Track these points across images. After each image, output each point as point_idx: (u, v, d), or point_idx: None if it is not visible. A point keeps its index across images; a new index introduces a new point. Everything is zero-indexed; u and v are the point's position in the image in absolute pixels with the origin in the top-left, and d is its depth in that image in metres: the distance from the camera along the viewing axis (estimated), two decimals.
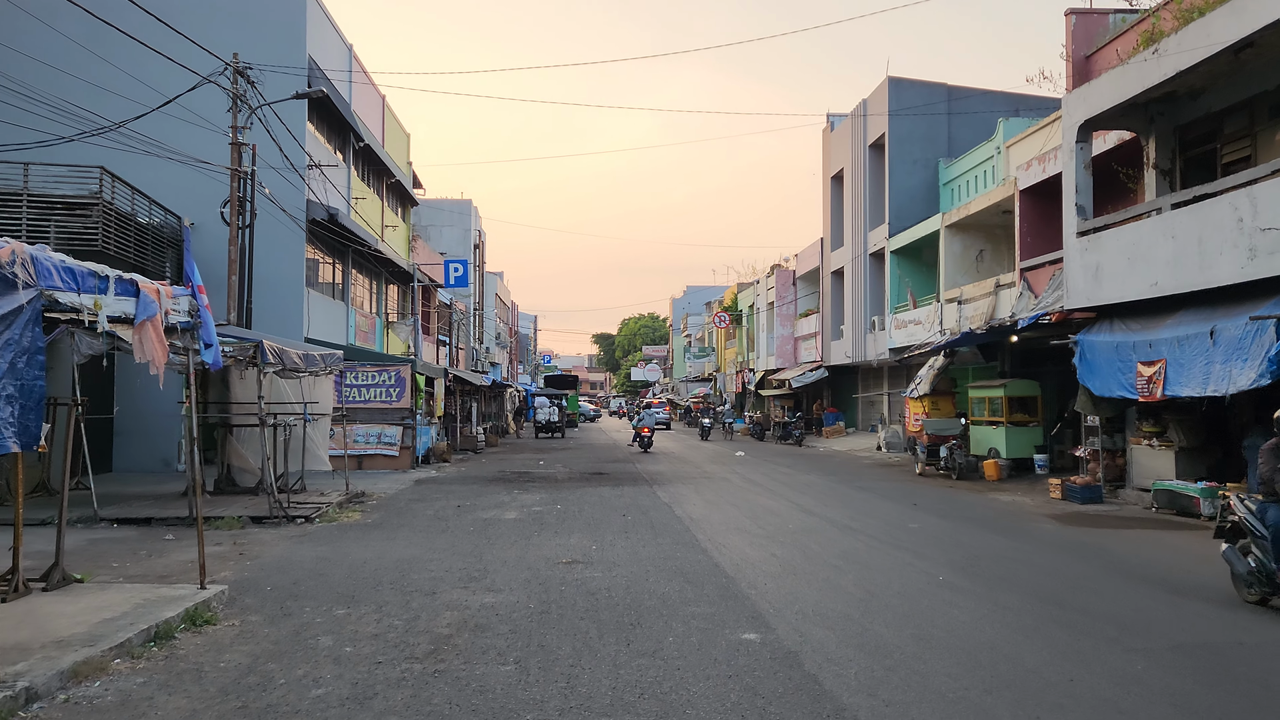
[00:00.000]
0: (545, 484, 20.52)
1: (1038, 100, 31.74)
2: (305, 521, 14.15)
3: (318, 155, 24.49)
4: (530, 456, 30.64)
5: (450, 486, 19.97)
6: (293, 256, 23.93)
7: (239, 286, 18.31)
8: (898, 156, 33.25)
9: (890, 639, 7.19)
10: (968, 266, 28.33)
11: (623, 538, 12.50)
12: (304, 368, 15.62)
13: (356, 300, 30.31)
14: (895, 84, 33.36)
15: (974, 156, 30.38)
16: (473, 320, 52.96)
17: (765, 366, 50.10)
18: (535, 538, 12.53)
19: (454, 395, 34.01)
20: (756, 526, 13.73)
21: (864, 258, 35.82)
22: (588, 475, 22.90)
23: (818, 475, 23.23)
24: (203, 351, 9.03)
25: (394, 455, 23.99)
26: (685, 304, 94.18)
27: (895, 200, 33.26)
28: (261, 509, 14.55)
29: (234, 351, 14.01)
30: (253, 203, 18.58)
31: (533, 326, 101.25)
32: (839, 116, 41.09)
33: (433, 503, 16.81)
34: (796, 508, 16.04)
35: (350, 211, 27.52)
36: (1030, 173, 22.68)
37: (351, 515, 14.94)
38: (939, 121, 33.31)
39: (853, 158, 37.02)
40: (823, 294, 42.06)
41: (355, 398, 23.91)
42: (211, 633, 7.44)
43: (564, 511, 15.41)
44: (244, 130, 17.95)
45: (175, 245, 23.06)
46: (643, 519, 14.49)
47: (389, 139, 34.14)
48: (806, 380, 41.66)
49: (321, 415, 17.68)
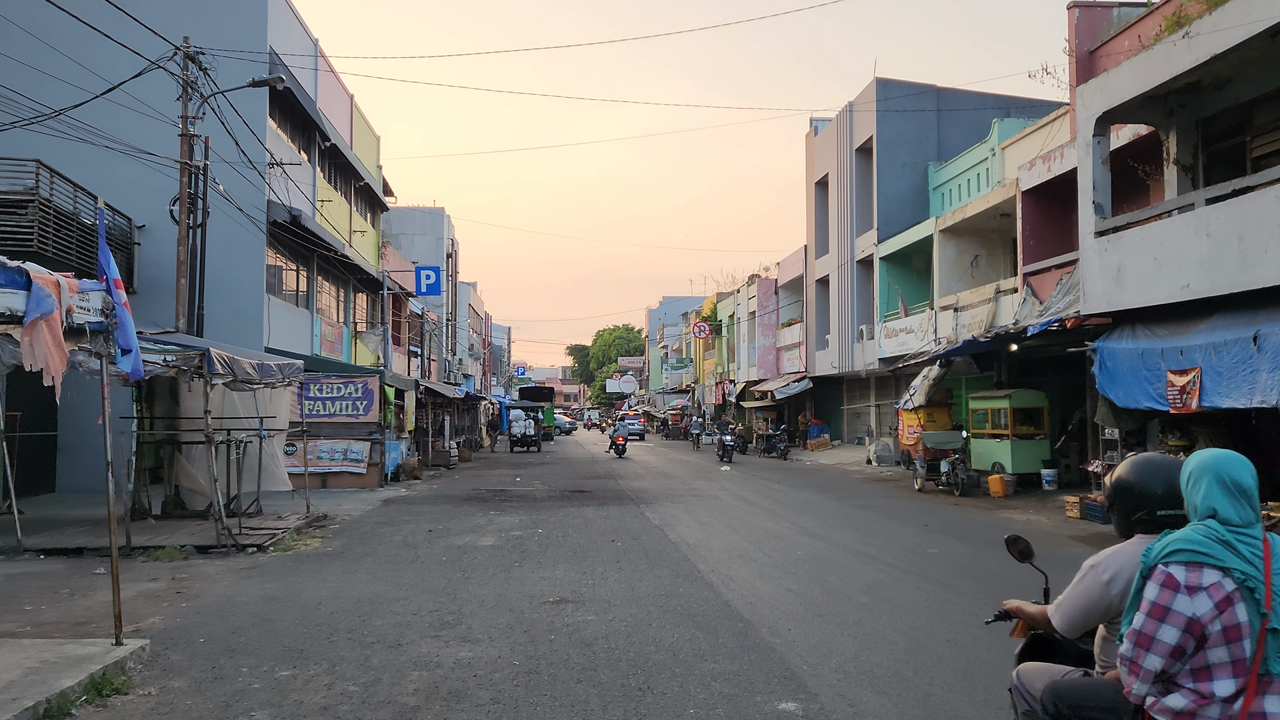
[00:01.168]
0: (524, 504, 19.10)
1: (1029, 102, 30.82)
2: (257, 551, 12.66)
3: (280, 154, 23.01)
4: (506, 472, 29.17)
5: (421, 507, 18.50)
6: (252, 260, 22.40)
7: (189, 291, 16.79)
8: (886, 160, 32.19)
9: (962, 709, 5.86)
10: (962, 273, 27.24)
11: (615, 569, 11.12)
12: (258, 379, 14.14)
13: (322, 309, 28.77)
14: (883, 85, 32.33)
15: (966, 159, 29.36)
16: (445, 331, 51.40)
17: (746, 377, 48.89)
18: (516, 569, 11.12)
19: (426, 408, 32.49)
20: (762, 554, 12.39)
21: (851, 265, 34.71)
22: (569, 493, 21.49)
23: (813, 492, 21.96)
24: (119, 359, 7.56)
25: (361, 473, 22.47)
26: (661, 314, 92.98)
27: (884, 205, 32.18)
28: (209, 536, 13.04)
29: (177, 361, 12.52)
30: (205, 200, 17.08)
31: (506, 338, 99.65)
32: (822, 120, 40.06)
33: (401, 526, 15.34)
34: (800, 530, 14.73)
35: (315, 214, 26.02)
36: (1033, 173, 21.59)
37: (310, 542, 13.45)
38: (928, 124, 32.31)
39: (838, 162, 35.95)
40: (807, 303, 40.92)
41: (320, 411, 22.37)
42: (120, 707, 5.99)
43: (546, 537, 14.01)
44: (195, 120, 16.47)
45: (124, 248, 21.51)
46: (634, 545, 13.11)
47: (358, 141, 32.66)
48: (790, 391, 40.46)
49: (278, 431, 16.18)
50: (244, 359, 13.73)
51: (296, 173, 24.64)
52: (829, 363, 37.26)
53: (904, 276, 31.74)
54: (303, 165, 25.75)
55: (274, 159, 22.13)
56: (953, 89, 32.64)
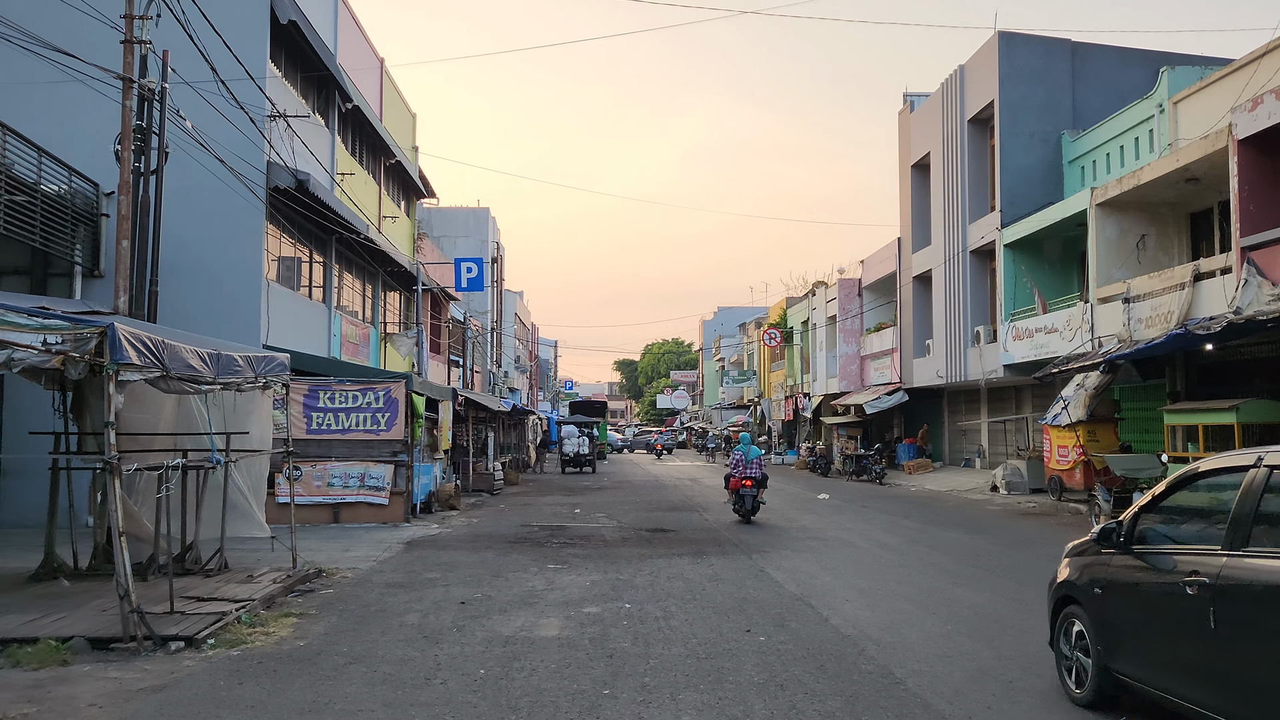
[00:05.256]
0: (591, 550, 14.22)
1: (1190, 58, 25.48)
2: (185, 646, 7.91)
3: (285, 105, 18.49)
4: (561, 500, 24.32)
5: (455, 554, 13.70)
6: (247, 236, 17.88)
7: (133, 258, 12.20)
8: (1010, 130, 27.02)
9: None
10: (1126, 256, 21.98)
11: (779, 702, 6.20)
12: (210, 376, 9.44)
13: (344, 305, 24.25)
14: (1007, 40, 27.20)
15: (1119, 121, 24.13)
16: (490, 339, 46.91)
17: (824, 390, 43.69)
18: (606, 707, 6.25)
19: (466, 423, 27.82)
20: (1018, 664, 7.38)
21: (962, 256, 29.51)
22: (647, 533, 16.57)
23: (960, 532, 16.84)
24: None
25: (382, 504, 17.73)
26: (717, 325, 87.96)
27: (1007, 183, 27.00)
28: (119, 618, 8.30)
29: (64, 343, 7.87)
30: (162, 136, 12.50)
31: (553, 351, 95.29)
32: (919, 96, 34.96)
33: (422, 593, 10.53)
34: (1021, 606, 9.65)
35: (334, 188, 21.51)
36: (1257, 114, 16.38)
37: (277, 628, 8.66)
38: (1061, 86, 27.13)
39: (945, 138, 30.81)
40: (900, 304, 35.72)
41: (330, 426, 17.71)
42: None
43: (640, 618, 9.10)
44: (147, 21, 11.90)
45: (89, 220, 17.09)
46: (786, 640, 8.17)
47: (389, 113, 28.22)
48: (882, 405, 35.25)
49: (248, 454, 11.48)
50: (185, 344, 9.04)
51: (311, 137, 20.14)
52: (932, 371, 32.00)
53: (1036, 267, 26.50)
54: (316, 125, 21.24)
55: (276, 109, 17.60)
56: (1090, 44, 27.43)
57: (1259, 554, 4.91)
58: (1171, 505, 6.06)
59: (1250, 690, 4.80)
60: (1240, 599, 4.90)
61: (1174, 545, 5.74)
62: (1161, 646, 5.57)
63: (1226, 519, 5.24)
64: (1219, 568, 5.09)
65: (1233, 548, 5.09)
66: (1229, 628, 4.94)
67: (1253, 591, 4.84)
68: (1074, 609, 6.53)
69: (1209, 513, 5.76)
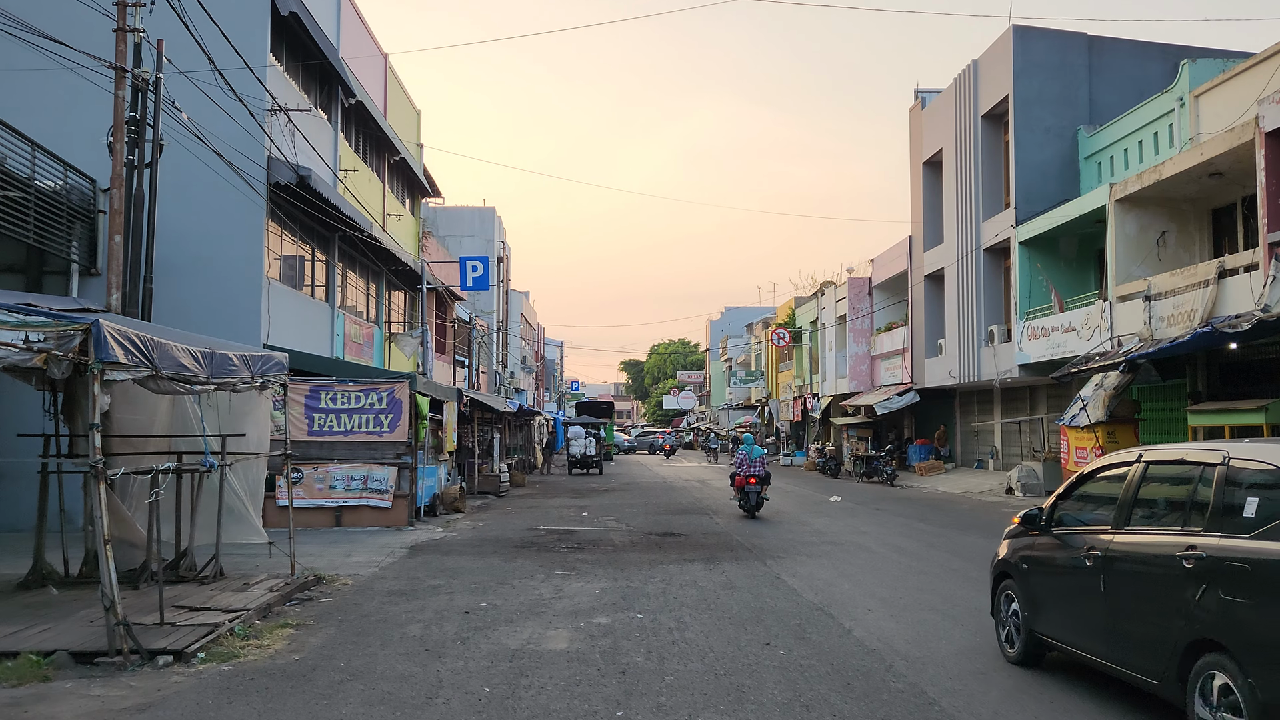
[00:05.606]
0: (600, 555, 13.78)
1: (1209, 52, 24.95)
2: (174, 661, 7.50)
3: (285, 99, 18.09)
4: (568, 502, 23.89)
5: (459, 559, 13.27)
6: (247, 234, 17.49)
7: (126, 253, 11.80)
8: (1025, 125, 26.50)
9: None
10: (1146, 253, 21.46)
11: None
12: (203, 375, 9.03)
13: (348, 305, 23.85)
14: (1021, 34, 26.69)
15: (1138, 116, 23.62)
16: (495, 340, 46.53)
17: (834, 390, 43.20)
18: None
19: (471, 424, 27.41)
20: (1041, 675, 6.93)
21: (975, 254, 29.01)
22: (657, 537, 16.13)
23: (977, 535, 16.37)
24: None
25: (385, 507, 17.32)
26: (724, 326, 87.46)
27: (1022, 180, 26.49)
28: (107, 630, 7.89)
29: (48, 341, 7.47)
30: (156, 127, 12.10)
31: (559, 352, 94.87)
32: (931, 92, 34.47)
33: (425, 601, 10.10)
34: None
35: (337, 184, 21.11)
36: None
37: (272, 640, 8.24)
38: (1077, 80, 26.60)
39: (958, 133, 30.31)
40: (912, 303, 35.22)
41: (332, 427, 17.30)
42: None
43: (652, 630, 8.66)
44: (141, 8, 11.49)
45: (85, 217, 16.71)
46: (807, 652, 7.73)
47: (393, 110, 27.82)
48: (893, 406, 34.73)
49: (245, 457, 11.07)
50: (176, 343, 8.63)
51: (313, 132, 19.76)
52: (945, 372, 31.49)
53: (1051, 264, 25.98)
54: (318, 119, 20.86)
55: (276, 103, 17.20)
56: (1107, 38, 26.93)
57: (1135, 530, 6.23)
58: (1080, 494, 7.26)
59: (1127, 639, 6.06)
60: (1121, 566, 6.17)
61: (1080, 526, 6.89)
62: (1070, 609, 6.78)
63: (1115, 504, 6.52)
64: (1108, 542, 6.34)
65: (1118, 526, 6.37)
66: (1113, 590, 6.20)
67: (1129, 559, 6.13)
68: (1008, 582, 7.70)
69: (1106, 500, 6.84)
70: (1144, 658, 5.85)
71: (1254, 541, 5.16)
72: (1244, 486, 5.47)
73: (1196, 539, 5.54)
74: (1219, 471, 5.68)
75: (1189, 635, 5.42)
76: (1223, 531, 5.43)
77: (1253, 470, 5.48)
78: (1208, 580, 5.34)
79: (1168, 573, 5.67)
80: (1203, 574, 5.38)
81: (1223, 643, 5.19)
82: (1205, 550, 5.41)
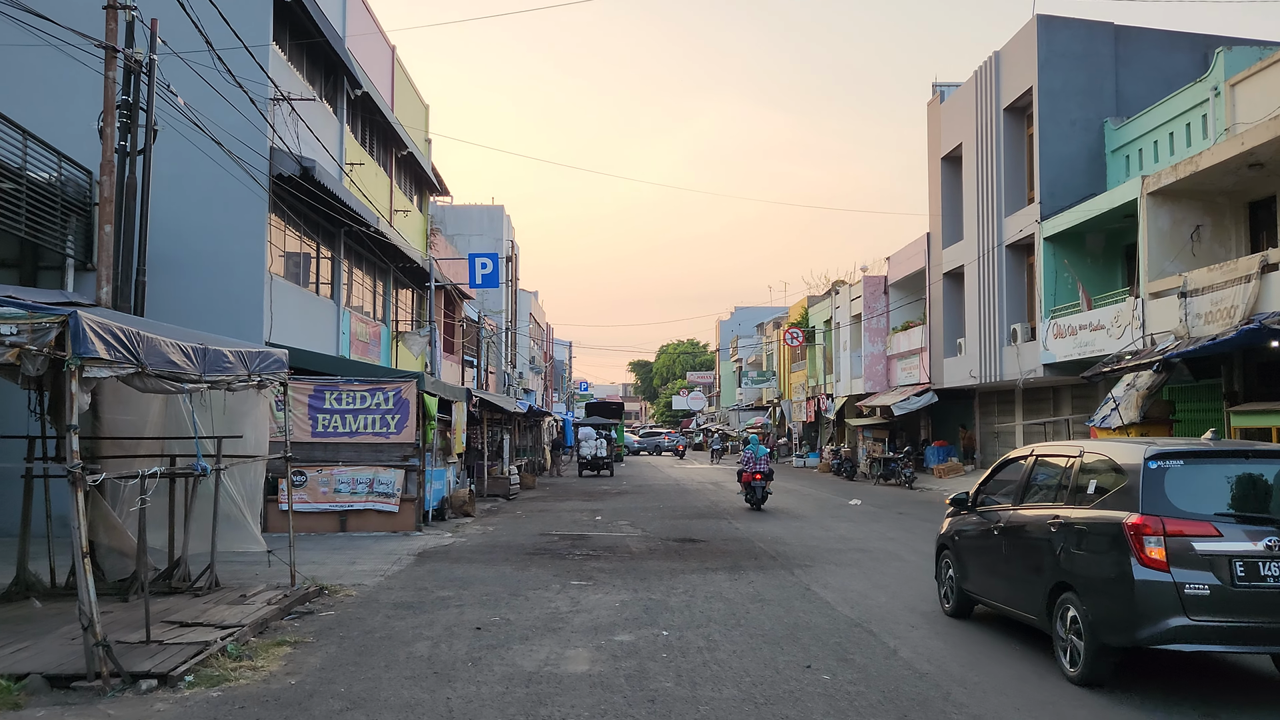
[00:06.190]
0: (617, 564, 13.08)
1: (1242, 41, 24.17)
2: (159, 685, 6.84)
3: (289, 88, 17.45)
4: (580, 506, 23.19)
5: (469, 568, 12.60)
6: (249, 227, 16.84)
7: (116, 244, 11.16)
8: (1050, 117, 25.73)
9: None
10: (1180, 248, 20.69)
11: None
12: (195, 373, 8.37)
13: (354, 303, 23.22)
14: (1046, 24, 25.92)
15: (1169, 107, 22.83)
16: (504, 339, 45.90)
17: (848, 391, 42.44)
18: None
19: (481, 425, 26.76)
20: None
21: (997, 251, 28.24)
22: (675, 543, 15.44)
23: None
24: None
25: (392, 511, 16.66)
26: (734, 326, 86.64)
27: (1048, 174, 25.71)
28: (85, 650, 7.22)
29: (20, 335, 6.82)
30: (150, 111, 11.45)
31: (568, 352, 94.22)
32: (949, 86, 33.73)
33: (433, 615, 9.42)
34: None
35: (342, 178, 20.47)
36: None
37: (267, 661, 7.57)
38: (1103, 71, 25.82)
39: (979, 127, 29.54)
40: (930, 302, 34.45)
41: (337, 428, 16.65)
42: None
43: (679, 648, 7.97)
44: None
45: (81, 210, 16.08)
46: (853, 677, 7.03)
47: (401, 104, 27.19)
48: (911, 406, 33.98)
49: (246, 459, 10.42)
50: (165, 337, 7.98)
51: (318, 124, 19.11)
52: (965, 372, 30.72)
53: (1077, 261, 25.21)
54: (323, 111, 20.21)
55: (279, 91, 16.57)
56: (1134, 27, 26.15)
57: (1026, 506, 8.19)
58: (995, 481, 9.22)
59: (1018, 588, 8.01)
60: (1014, 533, 8.12)
61: (994, 504, 8.87)
62: (984, 569, 8.78)
63: (1015, 487, 8.52)
64: (1008, 516, 8.33)
65: (1015, 504, 8.38)
66: (1009, 552, 8.19)
67: (1019, 528, 8.07)
68: (946, 552, 9.66)
69: (1010, 484, 8.78)
70: (1027, 601, 7.78)
71: (1090, 511, 7.18)
72: (1089, 473, 7.47)
73: (1059, 511, 7.53)
74: (1076, 462, 7.70)
75: (1053, 580, 7.34)
76: (1075, 505, 7.40)
77: (1095, 461, 7.50)
78: (1063, 540, 7.30)
79: (1041, 536, 7.62)
80: (1060, 536, 7.34)
81: (1071, 584, 7.11)
82: (1063, 519, 7.38)
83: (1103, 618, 6.68)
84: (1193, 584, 6.37)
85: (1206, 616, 6.32)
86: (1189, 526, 6.50)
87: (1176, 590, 6.37)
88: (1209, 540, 6.46)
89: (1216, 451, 7.23)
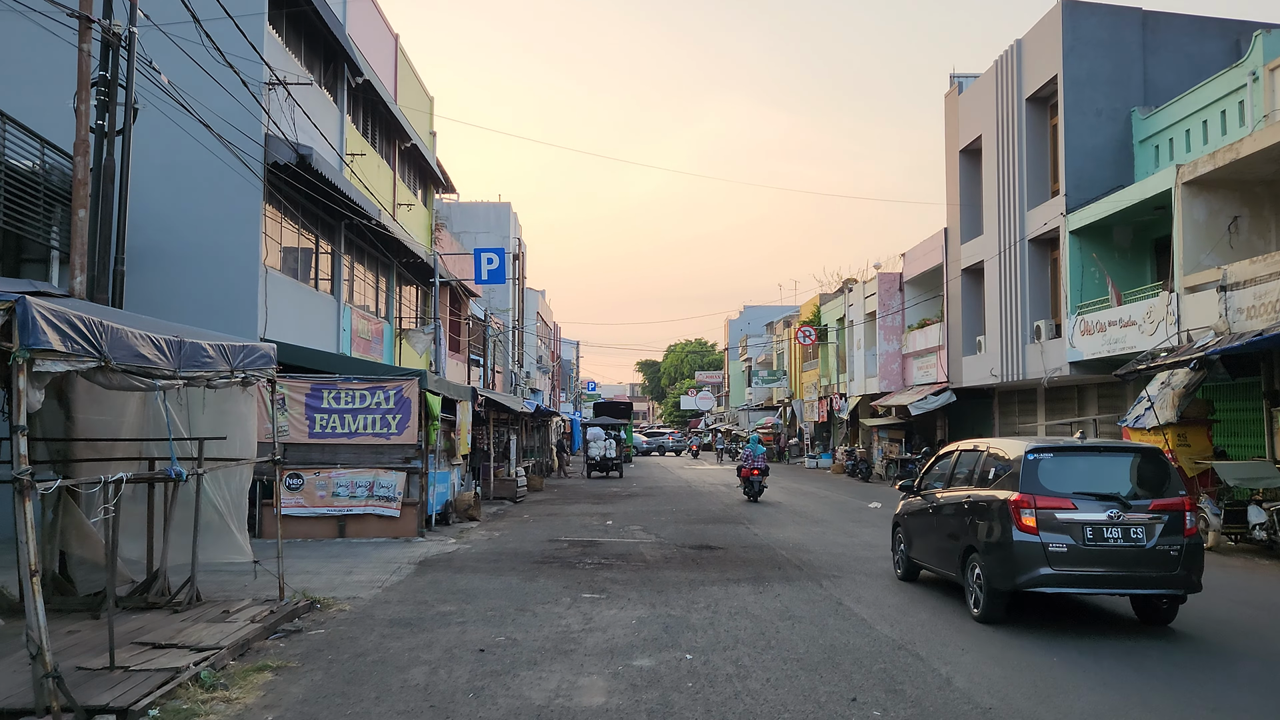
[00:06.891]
0: (631, 574, 12.24)
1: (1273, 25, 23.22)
2: None
3: (288, 75, 16.64)
4: (589, 509, 22.35)
5: (472, 579, 11.76)
6: (243, 217, 16.05)
7: (93, 230, 10.36)
8: (1075, 107, 24.79)
9: None
10: (1216, 240, 19.78)
11: None
12: (169, 368, 7.55)
13: (356, 299, 22.42)
14: (1071, 10, 24.98)
15: (1201, 94, 21.91)
16: (511, 338, 45.10)
17: (862, 390, 41.50)
18: None
19: (487, 426, 25.94)
20: None
21: (1019, 246, 27.31)
22: (692, 551, 14.59)
23: None
24: None
25: (393, 516, 15.85)
26: (743, 325, 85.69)
27: (1073, 165, 24.77)
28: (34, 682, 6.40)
29: None
30: (129, 88, 10.64)
31: (575, 352, 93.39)
32: (968, 77, 32.78)
33: (432, 635, 8.59)
34: (1188, 647, 7.60)
35: (343, 169, 19.67)
36: None
37: (243, 691, 6.74)
38: (1131, 59, 24.89)
39: (1000, 118, 28.62)
40: (948, 299, 33.52)
41: (335, 429, 15.84)
42: None
43: (706, 676, 7.12)
44: None
45: (65, 199, 15.29)
46: (907, 713, 6.19)
47: (404, 94, 26.38)
48: (928, 406, 33.04)
49: (229, 463, 9.59)
50: (134, 328, 7.17)
51: (317, 112, 18.33)
52: (985, 370, 29.79)
53: (1105, 255, 24.28)
54: (322, 99, 19.41)
55: (274, 74, 15.77)
56: (1162, 13, 25.21)
57: (951, 489, 10.45)
58: (934, 469, 11.34)
59: (944, 553, 10.23)
60: (943, 509, 10.40)
61: (932, 488, 11.00)
62: (924, 540, 10.96)
63: (946, 473, 10.83)
64: (939, 496, 10.63)
65: (945, 487, 10.64)
66: (939, 524, 10.46)
67: (945, 505, 10.35)
68: (899, 528, 11.84)
69: (942, 472, 11.03)
70: (950, 562, 9.99)
71: (987, 490, 9.38)
72: (991, 461, 9.73)
73: (970, 491, 9.78)
74: (983, 454, 10.04)
75: (964, 545, 9.55)
76: (980, 486, 9.64)
77: (994, 454, 9.77)
78: (970, 513, 9.54)
79: (958, 511, 9.87)
80: (969, 510, 9.61)
81: (975, 546, 9.30)
82: (972, 497, 9.65)
83: (994, 569, 8.93)
84: (1055, 543, 8.58)
85: (1065, 567, 8.55)
86: (1054, 502, 8.69)
87: (1043, 548, 8.58)
88: (1067, 512, 8.65)
89: (1079, 447, 9.54)
